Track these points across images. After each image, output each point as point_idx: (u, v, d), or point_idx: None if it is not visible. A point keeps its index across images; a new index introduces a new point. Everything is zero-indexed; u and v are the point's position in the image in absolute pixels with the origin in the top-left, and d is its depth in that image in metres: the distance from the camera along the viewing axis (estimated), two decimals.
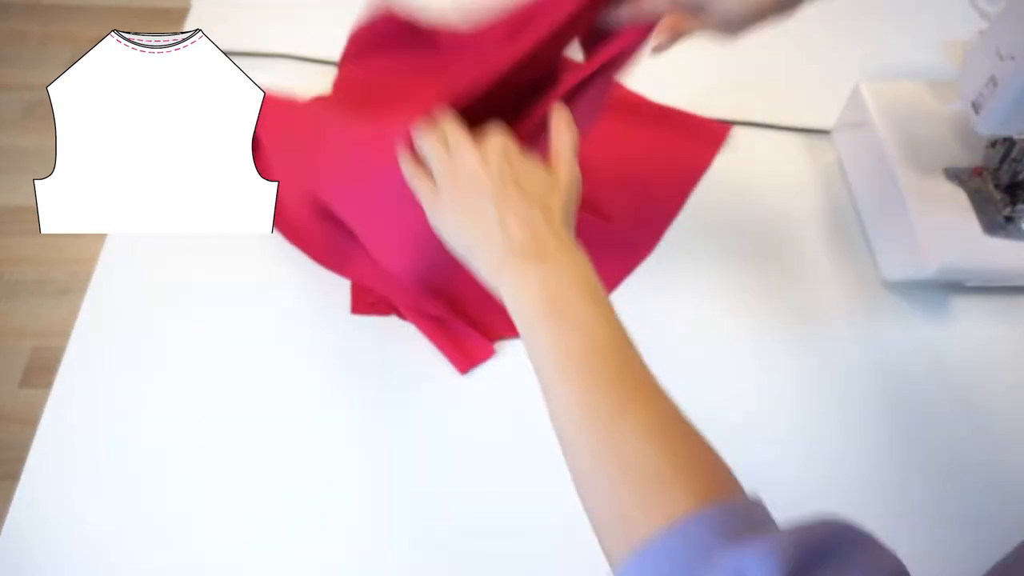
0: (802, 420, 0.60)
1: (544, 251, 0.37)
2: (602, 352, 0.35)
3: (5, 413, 1.29)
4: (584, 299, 0.36)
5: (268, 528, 0.54)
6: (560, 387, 0.35)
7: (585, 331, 0.35)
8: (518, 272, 0.37)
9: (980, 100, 0.60)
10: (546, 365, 0.36)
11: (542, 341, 0.36)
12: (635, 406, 0.34)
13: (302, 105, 0.66)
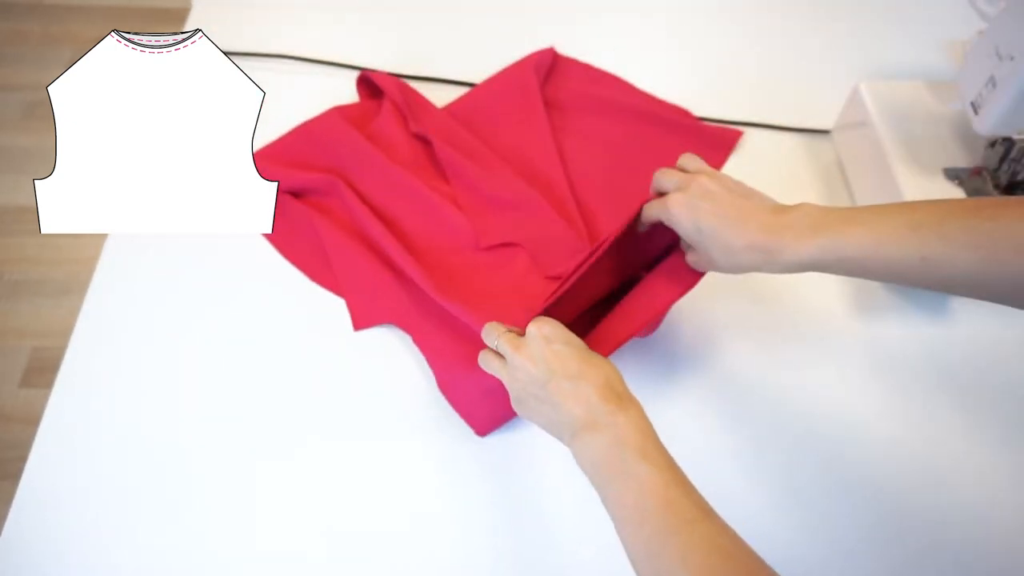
0: (802, 420, 0.60)
1: (597, 421, 0.43)
2: (648, 497, 0.40)
3: (5, 413, 1.29)
4: (632, 455, 0.41)
5: (268, 528, 0.54)
6: (622, 533, 0.41)
7: (634, 483, 0.41)
8: (581, 443, 0.44)
9: (979, 100, 0.60)
10: (612, 517, 0.42)
11: (604, 497, 0.42)
12: (676, 538, 0.38)
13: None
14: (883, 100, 0.70)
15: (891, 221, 0.43)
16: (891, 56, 0.86)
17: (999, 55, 0.57)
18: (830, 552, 0.54)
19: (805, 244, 0.45)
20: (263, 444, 0.57)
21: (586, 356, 0.47)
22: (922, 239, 0.41)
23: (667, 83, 0.82)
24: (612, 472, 0.42)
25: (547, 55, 0.82)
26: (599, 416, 0.43)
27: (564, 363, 0.46)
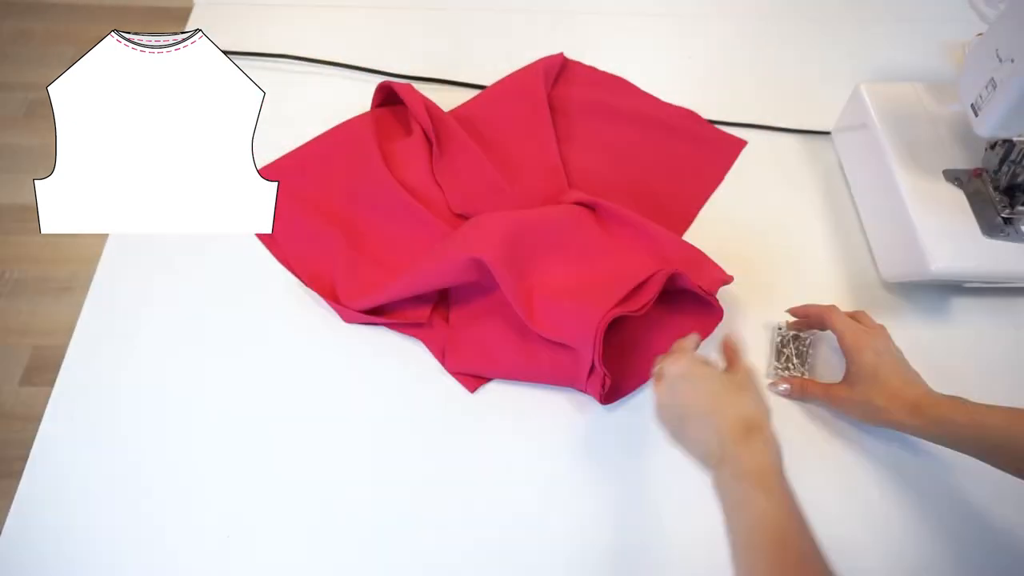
0: (801, 420, 0.60)
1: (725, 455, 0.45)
2: (761, 529, 0.42)
3: (6, 411, 1.29)
4: (749, 486, 0.44)
5: (268, 527, 0.54)
6: (735, 559, 0.43)
7: (748, 512, 0.43)
8: (714, 477, 0.46)
9: (979, 102, 0.60)
10: (729, 544, 0.43)
11: (727, 526, 0.44)
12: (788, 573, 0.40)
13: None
14: (883, 102, 0.70)
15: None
16: (891, 58, 0.86)
17: (999, 57, 0.57)
18: None
19: (953, 409, 0.52)
20: (263, 442, 0.57)
21: (721, 391, 0.49)
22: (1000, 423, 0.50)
23: (669, 85, 0.82)
24: (731, 503, 0.44)
25: (556, 60, 0.82)
26: (727, 449, 0.46)
27: (698, 401, 0.49)
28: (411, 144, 0.74)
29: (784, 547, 0.41)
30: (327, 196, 0.71)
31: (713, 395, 0.48)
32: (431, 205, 0.70)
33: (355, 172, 0.72)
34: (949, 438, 0.52)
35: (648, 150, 0.77)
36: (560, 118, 0.78)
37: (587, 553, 0.53)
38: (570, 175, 0.73)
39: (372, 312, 0.63)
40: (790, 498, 0.43)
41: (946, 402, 0.53)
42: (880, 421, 0.55)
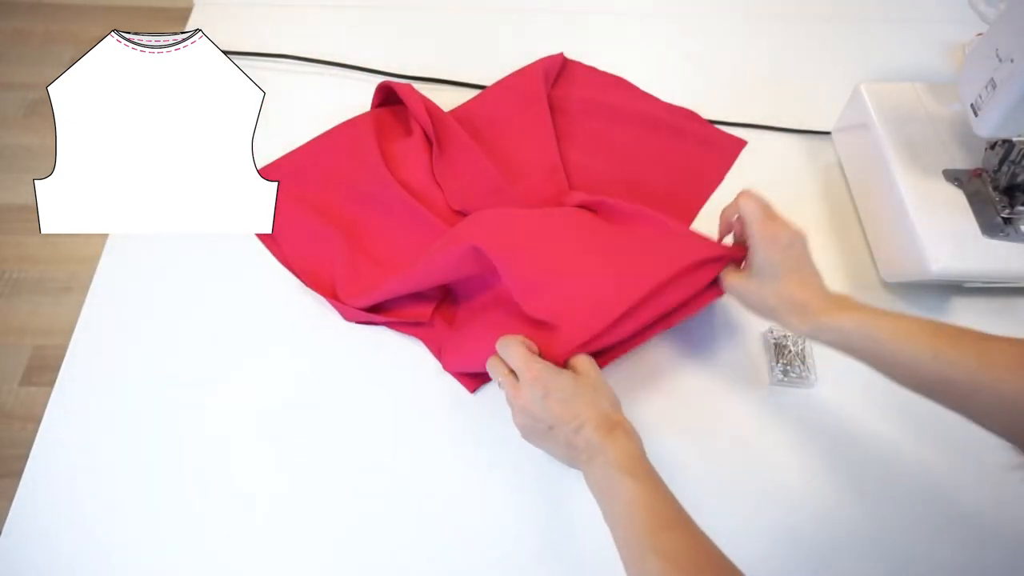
0: (801, 420, 0.60)
1: (593, 452, 0.49)
2: (633, 506, 0.45)
3: (6, 411, 1.29)
4: (619, 473, 0.47)
5: (268, 527, 0.54)
6: (616, 542, 0.46)
7: (621, 496, 0.46)
8: (585, 473, 0.50)
9: (979, 102, 0.60)
10: (610, 530, 0.46)
11: (604, 514, 0.47)
12: (659, 536, 0.44)
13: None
14: (883, 102, 0.70)
15: (915, 319, 0.49)
16: (891, 58, 0.86)
17: (999, 57, 0.57)
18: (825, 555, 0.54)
19: (841, 315, 0.51)
20: (263, 441, 0.57)
21: (580, 394, 0.51)
22: (938, 339, 0.47)
23: (670, 85, 0.82)
24: (605, 490, 0.47)
25: (556, 60, 0.82)
26: (595, 447, 0.49)
27: (564, 411, 0.50)
28: (411, 144, 0.74)
29: (655, 516, 0.45)
30: (327, 196, 0.71)
31: (567, 403, 0.50)
32: (431, 205, 0.70)
33: (355, 172, 0.72)
34: (840, 345, 0.51)
35: (648, 150, 0.77)
36: (560, 118, 0.78)
37: (583, 552, 0.53)
38: (570, 175, 0.73)
39: (373, 310, 0.63)
40: (655, 478, 0.47)
41: (835, 307, 0.51)
42: (772, 320, 0.54)
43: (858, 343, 0.50)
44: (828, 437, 0.59)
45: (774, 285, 0.53)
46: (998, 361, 0.44)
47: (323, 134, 0.75)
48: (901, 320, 0.49)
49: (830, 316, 0.51)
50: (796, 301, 0.52)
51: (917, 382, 0.48)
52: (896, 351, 0.48)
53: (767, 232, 0.54)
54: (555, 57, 0.82)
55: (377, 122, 0.75)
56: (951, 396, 0.47)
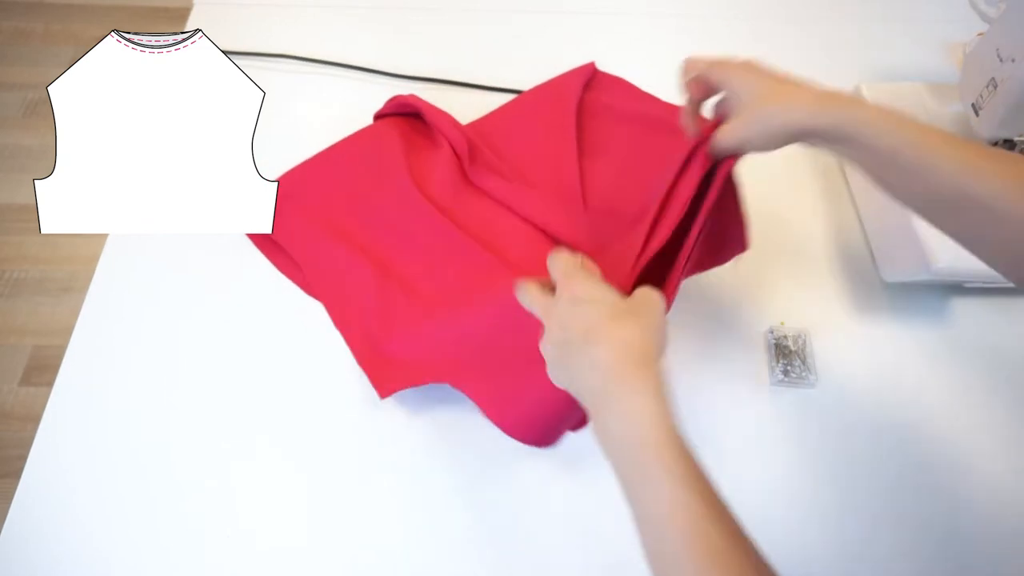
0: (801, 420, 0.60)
1: (610, 397, 0.39)
2: (671, 519, 0.36)
3: (6, 411, 1.29)
4: (650, 458, 0.38)
5: (269, 528, 0.54)
6: (643, 538, 0.38)
7: (652, 492, 0.37)
8: (597, 423, 0.40)
9: (980, 102, 0.60)
10: (633, 514, 0.38)
11: (624, 491, 0.39)
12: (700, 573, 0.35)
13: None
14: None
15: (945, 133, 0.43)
16: (892, 58, 0.86)
17: (1000, 57, 0.57)
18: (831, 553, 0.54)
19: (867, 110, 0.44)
20: (263, 441, 0.57)
21: (614, 314, 0.42)
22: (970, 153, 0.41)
23: (670, 85, 0.82)
24: (630, 471, 0.38)
25: (587, 71, 0.81)
26: (611, 397, 0.39)
27: (585, 324, 0.41)
28: (439, 158, 0.71)
29: (694, 540, 0.35)
30: (348, 215, 0.68)
31: (604, 318, 0.41)
32: (463, 224, 0.67)
33: (379, 188, 0.69)
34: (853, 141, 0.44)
35: (652, 151, 0.77)
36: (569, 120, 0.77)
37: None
38: (585, 184, 0.72)
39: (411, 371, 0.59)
40: (694, 471, 0.38)
41: (852, 101, 0.45)
42: (781, 131, 0.47)
43: (882, 143, 0.43)
44: (828, 437, 0.59)
45: (771, 96, 0.47)
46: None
47: (338, 144, 0.73)
48: (930, 129, 0.42)
49: (855, 109, 0.44)
50: (803, 100, 0.46)
51: (934, 200, 0.42)
52: (921, 159, 0.41)
53: (728, 68, 0.49)
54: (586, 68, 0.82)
55: (399, 133, 0.73)
56: (969, 220, 0.41)
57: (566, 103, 0.77)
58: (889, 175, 0.45)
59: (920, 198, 0.44)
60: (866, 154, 0.44)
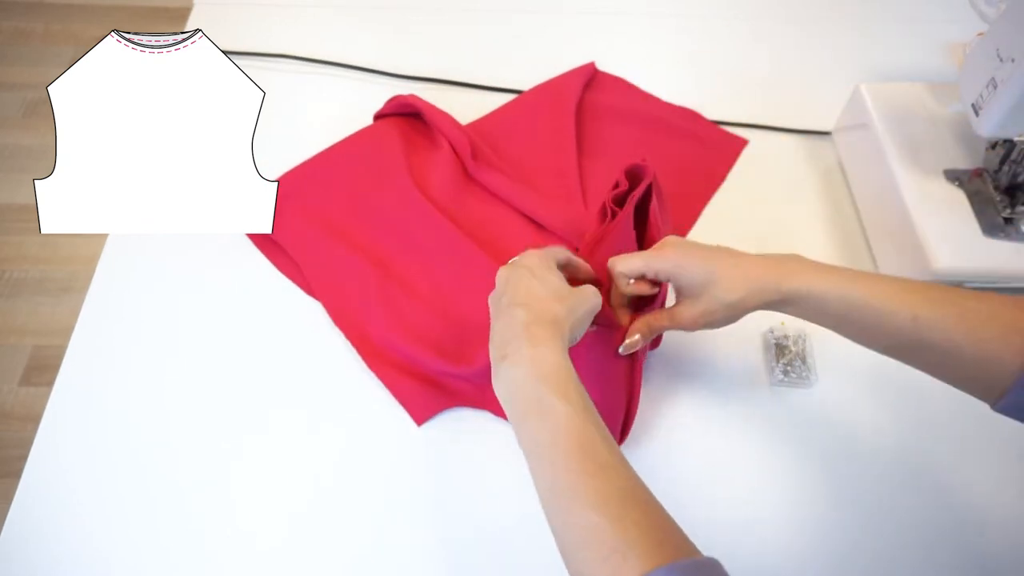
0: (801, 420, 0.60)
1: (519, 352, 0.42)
2: (563, 437, 0.40)
3: (6, 411, 1.29)
4: (548, 392, 0.41)
5: (268, 528, 0.54)
6: (534, 470, 0.40)
7: (549, 421, 0.40)
8: (502, 370, 0.43)
9: (980, 102, 0.60)
10: (524, 452, 0.41)
11: (518, 431, 0.42)
12: (593, 482, 0.38)
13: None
14: (884, 101, 0.70)
15: (889, 280, 0.47)
16: (892, 58, 0.86)
17: (1000, 57, 0.57)
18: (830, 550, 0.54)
19: (810, 276, 0.47)
20: (264, 442, 0.57)
21: (548, 289, 0.46)
22: (915, 300, 0.45)
23: (670, 85, 0.82)
24: (527, 407, 0.41)
25: (587, 72, 0.81)
26: (522, 346, 0.42)
27: (518, 288, 0.46)
28: (438, 158, 0.71)
29: (585, 455, 0.39)
30: (347, 215, 0.68)
31: (536, 288, 0.45)
32: (462, 224, 0.67)
33: (379, 189, 0.69)
34: (812, 310, 0.48)
35: (651, 150, 0.77)
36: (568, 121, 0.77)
37: None
38: (584, 183, 0.73)
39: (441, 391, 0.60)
40: (590, 404, 0.41)
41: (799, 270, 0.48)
42: (742, 313, 0.50)
43: (832, 307, 0.47)
44: (828, 437, 0.59)
45: (719, 286, 0.49)
46: (977, 321, 0.43)
47: (338, 144, 0.73)
48: (875, 281, 0.46)
49: (799, 279, 0.47)
50: (753, 279, 0.48)
51: (892, 345, 0.46)
52: (872, 314, 0.45)
53: (669, 258, 0.51)
54: (586, 68, 0.82)
55: (399, 134, 0.73)
56: (928, 359, 0.45)
57: (566, 103, 0.77)
58: (845, 329, 0.48)
59: (879, 344, 0.48)
60: (818, 315, 0.48)
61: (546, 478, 0.40)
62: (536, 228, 0.69)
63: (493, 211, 0.70)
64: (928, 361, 0.46)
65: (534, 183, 0.72)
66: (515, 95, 0.81)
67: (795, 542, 0.54)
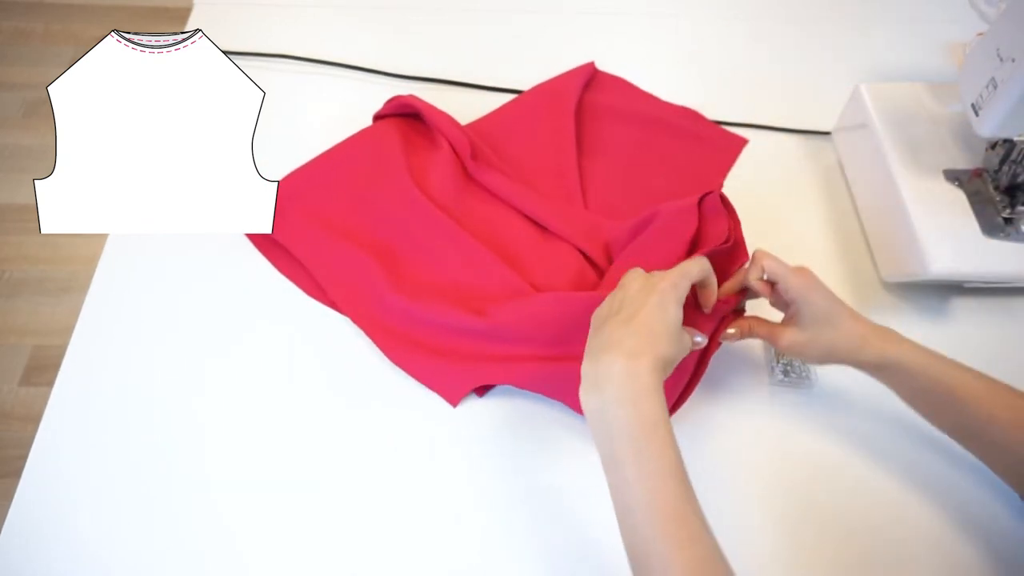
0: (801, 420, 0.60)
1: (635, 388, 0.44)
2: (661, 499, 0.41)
3: (5, 411, 1.29)
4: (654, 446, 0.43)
5: (269, 528, 0.54)
6: (624, 519, 0.43)
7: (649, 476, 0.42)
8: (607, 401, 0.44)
9: (980, 102, 0.60)
10: (616, 498, 0.43)
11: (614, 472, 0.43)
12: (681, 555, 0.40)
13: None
14: (883, 101, 0.70)
15: (976, 373, 0.52)
16: (891, 57, 0.86)
17: (1000, 57, 0.57)
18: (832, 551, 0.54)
19: (897, 346, 0.52)
20: (264, 440, 0.57)
21: (667, 326, 0.46)
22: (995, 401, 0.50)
23: (670, 85, 0.82)
24: (624, 453, 0.43)
25: (587, 71, 0.81)
26: (629, 384, 0.43)
27: (645, 310, 0.46)
28: (438, 158, 0.71)
29: (685, 525, 0.41)
30: (351, 216, 0.68)
31: (653, 324, 0.46)
32: (464, 222, 0.67)
33: (380, 189, 0.69)
34: (893, 376, 0.53)
35: (649, 150, 0.77)
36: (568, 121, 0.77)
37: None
38: (584, 183, 0.73)
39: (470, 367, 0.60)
40: (682, 463, 0.43)
41: (893, 340, 0.52)
42: (833, 361, 0.54)
43: (918, 383, 0.52)
44: (828, 438, 0.59)
45: (833, 328, 0.53)
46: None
47: (338, 146, 0.72)
48: (963, 371, 0.51)
49: (899, 350, 0.52)
50: (864, 339, 0.52)
51: (957, 429, 0.52)
52: (951, 400, 0.50)
53: (805, 283, 0.53)
54: (586, 67, 0.82)
55: (399, 134, 0.73)
56: (987, 452, 0.52)
57: (566, 103, 0.77)
58: (923, 404, 0.54)
59: (946, 426, 0.53)
60: (901, 386, 0.53)
61: (635, 533, 0.42)
62: (537, 228, 0.69)
63: (493, 211, 0.70)
64: (986, 453, 0.52)
65: (534, 183, 0.72)
66: (515, 95, 0.81)
67: (792, 542, 0.54)
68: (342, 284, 0.64)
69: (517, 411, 0.59)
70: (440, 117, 0.73)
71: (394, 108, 0.74)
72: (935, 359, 0.51)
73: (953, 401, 0.50)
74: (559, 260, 0.67)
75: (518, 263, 0.66)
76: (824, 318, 0.53)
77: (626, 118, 0.79)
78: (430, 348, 0.61)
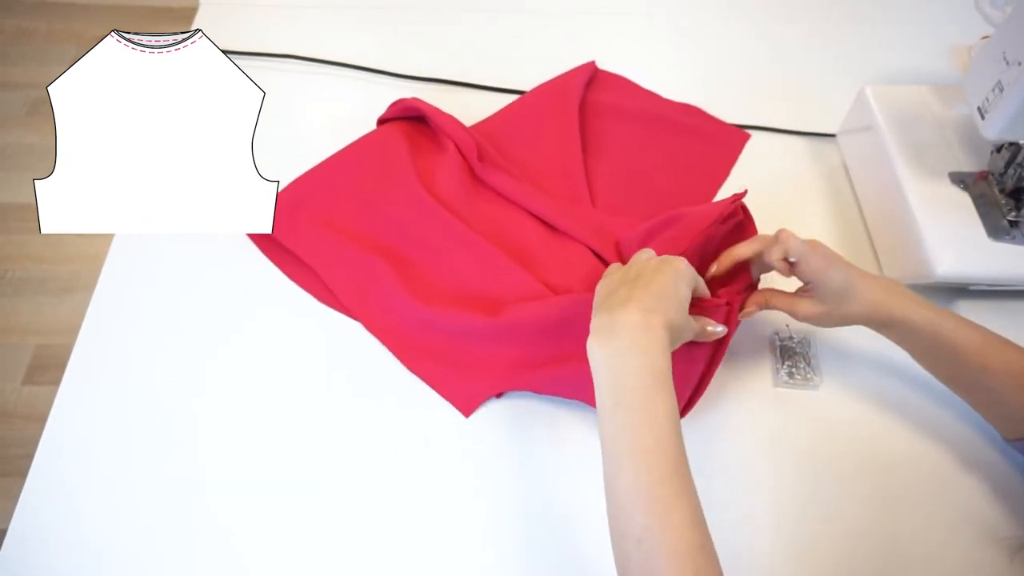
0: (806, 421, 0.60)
1: (644, 341, 0.46)
2: (664, 450, 0.43)
3: (9, 410, 1.29)
4: (661, 394, 0.44)
5: (271, 529, 0.54)
6: (621, 460, 0.43)
7: (654, 426, 0.43)
8: (616, 351, 0.46)
9: (986, 105, 0.59)
10: (610, 437, 0.44)
11: (612, 414, 0.44)
12: (685, 499, 0.41)
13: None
14: (888, 104, 0.70)
15: (974, 326, 0.54)
16: (897, 60, 0.86)
17: (1006, 60, 0.57)
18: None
19: (902, 305, 0.54)
20: (269, 440, 0.57)
21: (679, 300, 0.49)
22: (989, 350, 0.53)
23: (671, 86, 0.82)
24: (633, 398, 0.44)
25: (588, 70, 0.81)
26: (642, 335, 0.46)
27: (663, 276, 0.49)
28: (445, 161, 0.71)
29: (682, 476, 0.42)
30: (359, 220, 0.68)
31: (667, 289, 0.49)
32: (472, 224, 0.67)
33: (388, 192, 0.69)
34: (904, 336, 0.55)
35: (653, 147, 0.77)
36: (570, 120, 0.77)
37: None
38: (589, 182, 0.73)
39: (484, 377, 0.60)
40: (675, 408, 0.45)
41: (904, 300, 0.54)
42: (849, 324, 0.57)
43: (921, 337, 0.54)
44: (833, 439, 0.59)
45: (849, 300, 0.55)
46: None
47: (341, 151, 0.72)
48: (962, 323, 0.53)
49: (906, 308, 0.54)
50: (877, 302, 0.54)
51: (953, 378, 0.56)
52: (950, 350, 0.53)
53: (823, 264, 0.55)
54: (586, 67, 0.82)
55: (405, 138, 0.72)
56: (979, 397, 0.55)
57: (568, 102, 0.77)
58: (925, 357, 0.56)
59: (943, 375, 0.56)
60: (905, 341, 0.56)
61: (634, 474, 0.42)
62: (546, 228, 0.69)
63: (502, 212, 0.70)
64: (977, 399, 0.55)
65: (540, 183, 0.72)
66: (516, 95, 0.81)
67: (797, 543, 0.54)
68: (354, 290, 0.64)
69: (527, 410, 0.59)
70: (445, 119, 0.72)
71: (398, 111, 0.74)
72: (936, 314, 0.53)
73: (953, 353, 0.53)
74: (571, 259, 0.66)
75: (530, 263, 0.65)
76: (842, 292, 0.55)
77: (628, 116, 0.79)
78: (445, 355, 0.61)
